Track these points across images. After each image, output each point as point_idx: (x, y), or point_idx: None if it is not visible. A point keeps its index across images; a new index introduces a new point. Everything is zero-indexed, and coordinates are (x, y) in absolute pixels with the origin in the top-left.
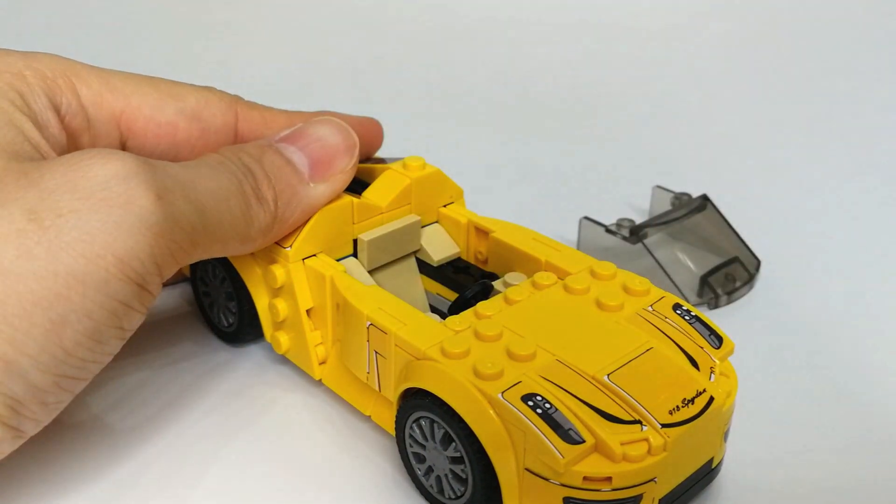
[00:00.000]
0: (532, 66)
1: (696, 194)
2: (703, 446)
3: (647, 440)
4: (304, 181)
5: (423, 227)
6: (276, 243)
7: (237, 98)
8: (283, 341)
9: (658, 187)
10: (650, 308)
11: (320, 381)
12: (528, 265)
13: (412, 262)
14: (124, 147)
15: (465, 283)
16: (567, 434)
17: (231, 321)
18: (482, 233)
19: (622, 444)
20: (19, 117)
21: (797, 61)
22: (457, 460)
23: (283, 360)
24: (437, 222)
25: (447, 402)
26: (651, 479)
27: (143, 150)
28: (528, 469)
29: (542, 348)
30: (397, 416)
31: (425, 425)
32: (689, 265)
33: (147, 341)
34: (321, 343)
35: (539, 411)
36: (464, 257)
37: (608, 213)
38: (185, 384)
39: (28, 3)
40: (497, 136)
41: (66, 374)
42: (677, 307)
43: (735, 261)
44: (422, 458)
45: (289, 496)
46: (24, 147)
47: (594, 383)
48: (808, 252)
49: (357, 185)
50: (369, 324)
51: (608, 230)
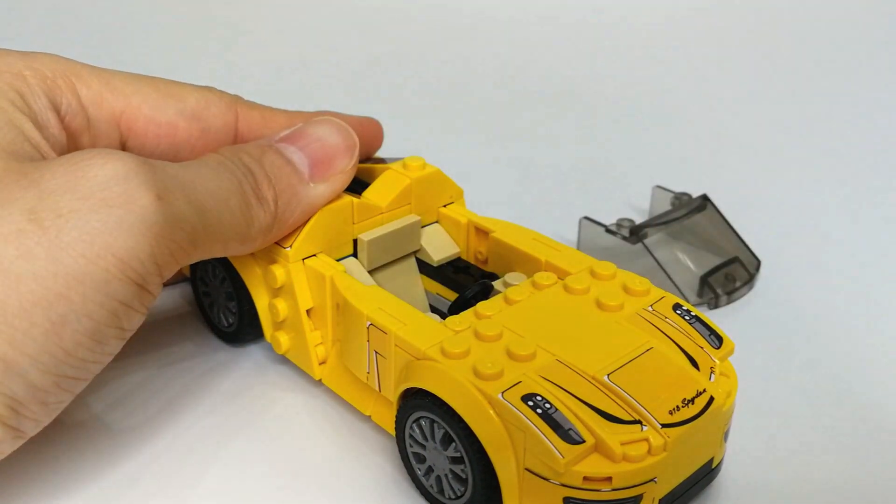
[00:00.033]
0: (532, 66)
1: (696, 194)
2: (703, 446)
3: (647, 440)
4: (305, 181)
5: (423, 227)
6: (276, 243)
7: (237, 98)
8: (283, 341)
9: (658, 187)
10: (650, 308)
11: (320, 381)
12: (528, 265)
13: (412, 262)
14: (124, 147)
15: (465, 283)
16: (567, 434)
17: (231, 321)
18: (482, 233)
19: (622, 444)
20: (19, 117)
21: (797, 61)
22: (457, 460)
23: (283, 360)
24: (437, 222)
25: (447, 402)
26: (651, 479)
27: (144, 150)
28: (528, 469)
29: (542, 348)
30: (397, 416)
31: (425, 425)
32: (689, 265)
33: (147, 341)
34: (321, 343)
35: (539, 411)
36: (464, 257)
37: (608, 213)
38: (185, 384)
39: (28, 3)
40: (497, 136)
41: (66, 374)
42: (677, 307)
43: (735, 261)
44: (422, 458)
45: (289, 496)
46: (24, 147)
47: (594, 383)
48: (808, 252)
49: (357, 185)
50: (369, 324)
51: (608, 230)
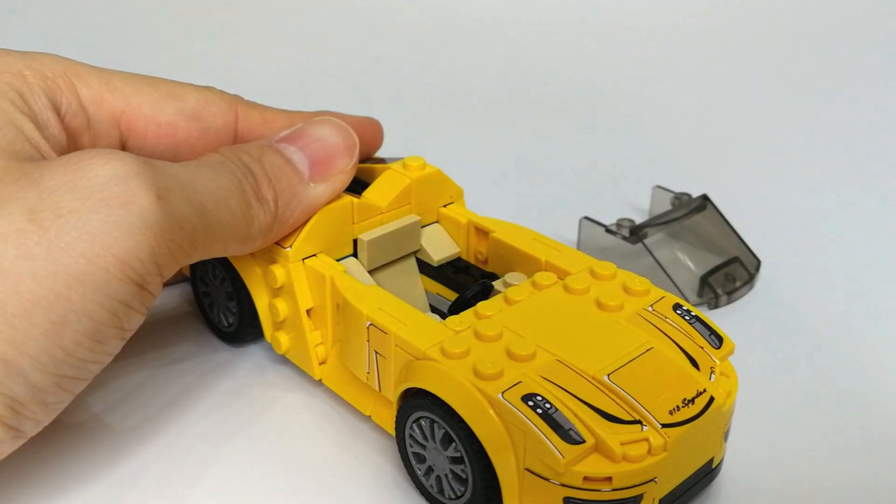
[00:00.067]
0: (532, 66)
1: (696, 194)
2: (704, 446)
3: (647, 440)
4: (305, 181)
5: (423, 227)
6: (276, 243)
7: (237, 98)
8: (283, 341)
9: (658, 187)
10: (650, 308)
11: (320, 381)
12: (528, 265)
13: (412, 262)
14: (124, 147)
15: (465, 283)
16: (567, 434)
17: (231, 321)
18: (482, 233)
19: (622, 444)
20: (19, 117)
21: (797, 61)
22: (457, 460)
23: (283, 360)
24: (437, 222)
25: (447, 402)
26: (651, 479)
27: (144, 149)
28: (528, 469)
29: (543, 348)
30: (397, 416)
31: (425, 425)
32: (689, 265)
33: (147, 341)
34: (321, 343)
35: (539, 411)
36: (464, 257)
37: (608, 213)
38: (185, 384)
39: (28, 3)
40: (497, 136)
41: (66, 374)
42: (677, 307)
43: (735, 261)
44: (422, 458)
45: (289, 496)
46: (24, 147)
47: (594, 383)
48: (808, 252)
49: (357, 185)
50: (369, 324)
51: (608, 230)
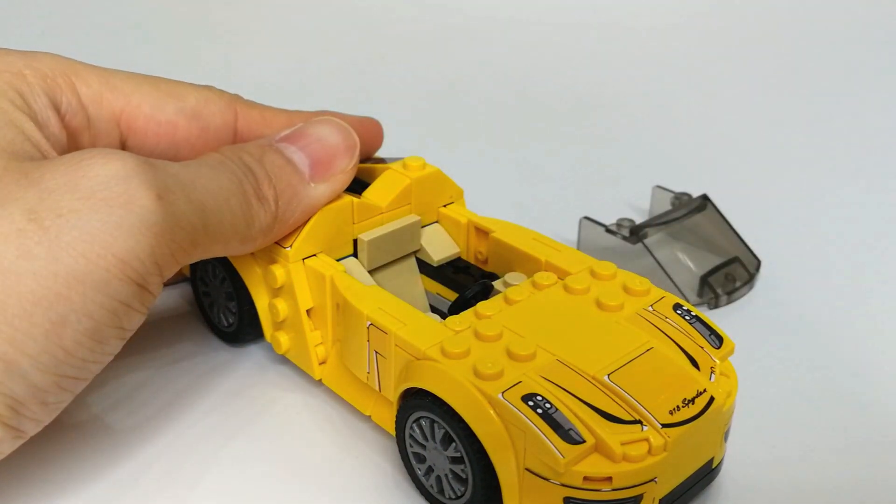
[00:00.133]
0: (532, 66)
1: (696, 194)
2: (704, 446)
3: (647, 440)
4: (305, 181)
5: (423, 227)
6: (277, 243)
7: (236, 97)
8: (283, 341)
9: (658, 187)
10: (650, 308)
11: (320, 381)
12: (528, 265)
13: (412, 262)
14: (124, 146)
15: (465, 283)
16: (567, 434)
17: (231, 321)
18: (482, 233)
19: (622, 444)
20: (19, 116)
21: (797, 61)
22: (457, 460)
23: (283, 360)
24: (437, 222)
25: (447, 402)
26: (651, 479)
27: (144, 148)
28: (528, 469)
29: (543, 348)
30: (397, 416)
31: (425, 425)
32: (689, 265)
33: (147, 341)
34: (321, 343)
35: (539, 411)
36: (464, 257)
37: (608, 213)
38: (185, 384)
39: (28, 3)
40: (497, 136)
41: (66, 374)
42: (677, 307)
43: (735, 261)
44: (422, 458)
45: (289, 496)
46: (24, 146)
47: (594, 383)
48: (808, 252)
49: (357, 185)
50: (369, 324)
51: (608, 230)
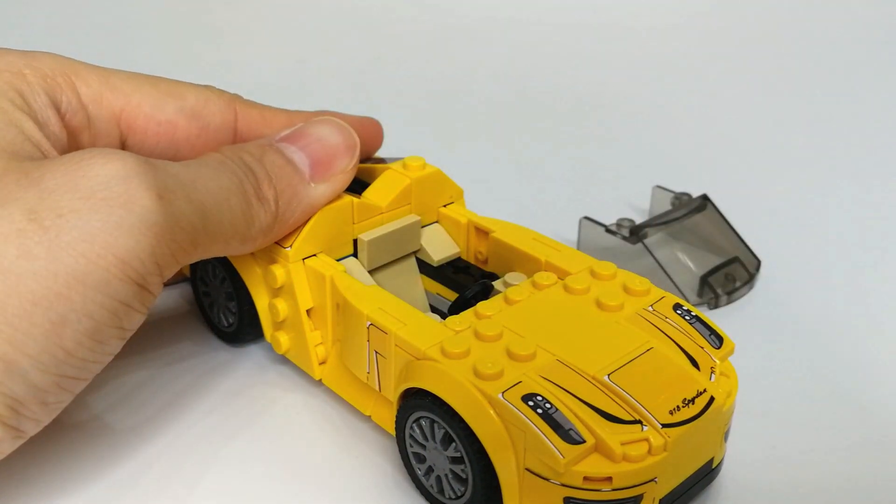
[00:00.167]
0: (532, 66)
1: (696, 194)
2: (704, 446)
3: (647, 440)
4: (305, 181)
5: (423, 227)
6: (277, 243)
7: (236, 96)
8: (283, 341)
9: (658, 187)
10: (650, 308)
11: (320, 381)
12: (528, 265)
13: (412, 262)
14: (124, 145)
15: (465, 283)
16: (567, 434)
17: (231, 321)
18: (482, 233)
19: (622, 444)
20: (19, 116)
21: (797, 61)
22: (457, 460)
23: (283, 360)
24: (437, 222)
25: (447, 402)
26: (651, 479)
27: (143, 147)
28: (528, 469)
29: (543, 348)
30: (397, 416)
31: (425, 425)
32: (689, 265)
33: (147, 341)
34: (321, 343)
35: (539, 411)
36: (464, 257)
37: (608, 213)
38: (185, 384)
39: (28, 3)
40: (497, 136)
41: (66, 374)
42: (677, 307)
43: (735, 261)
44: (422, 458)
45: (289, 496)
46: (24, 146)
47: (594, 383)
48: (808, 252)
49: (357, 185)
50: (369, 324)
51: (608, 230)
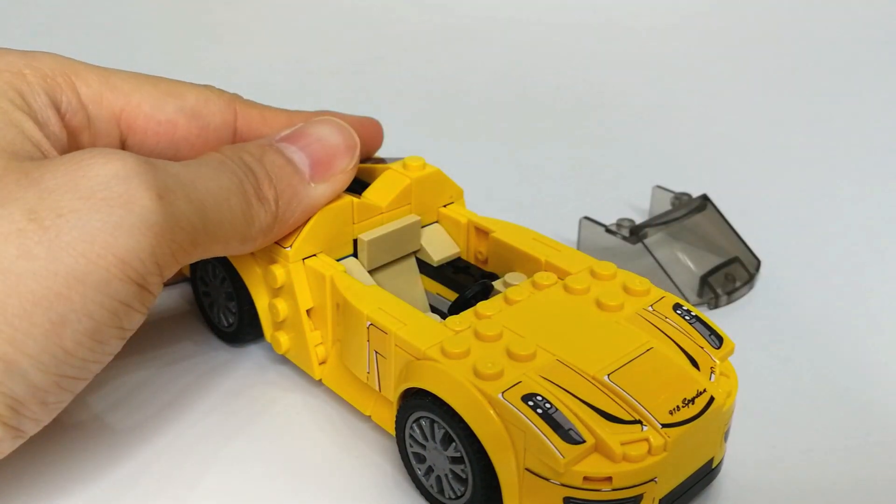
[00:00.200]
0: (532, 66)
1: (696, 194)
2: (704, 446)
3: (647, 440)
4: (305, 181)
5: (423, 227)
6: (277, 243)
7: (236, 96)
8: (283, 341)
9: (658, 187)
10: (650, 308)
11: (320, 381)
12: (528, 265)
13: (412, 262)
14: (124, 145)
15: (465, 283)
16: (567, 434)
17: (231, 321)
18: (482, 233)
19: (622, 444)
20: (19, 116)
21: (797, 61)
22: (457, 460)
23: (283, 360)
24: (437, 222)
25: (447, 402)
26: (651, 479)
27: (143, 147)
28: (528, 469)
29: (543, 348)
30: (397, 416)
31: (425, 425)
32: (689, 265)
33: (147, 341)
34: (321, 343)
35: (539, 411)
36: (464, 257)
37: (608, 213)
38: (185, 384)
39: (28, 3)
40: (497, 136)
41: (66, 373)
42: (677, 307)
43: (735, 261)
44: (422, 458)
45: (289, 496)
46: (24, 146)
47: (594, 383)
48: (808, 252)
49: (357, 185)
50: (369, 324)
51: (608, 230)
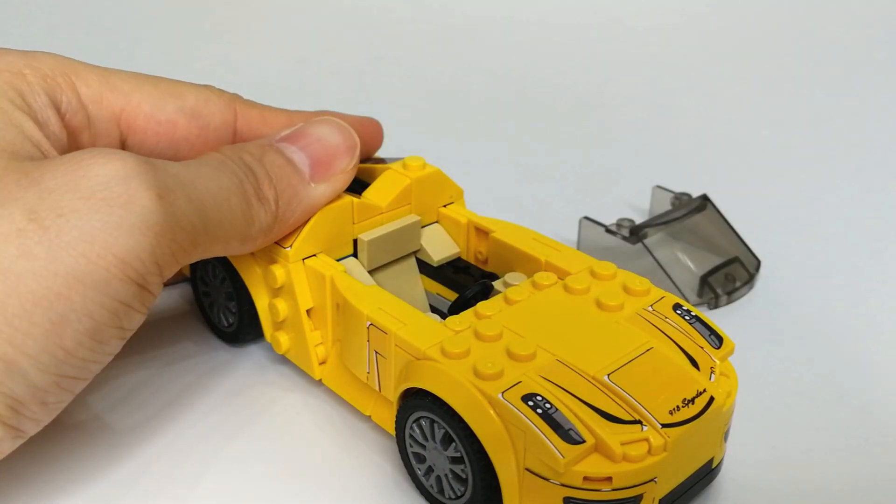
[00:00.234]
0: (532, 66)
1: (696, 194)
2: (704, 446)
3: (647, 440)
4: (305, 181)
5: (423, 227)
6: (276, 243)
7: (236, 96)
8: (283, 341)
9: (658, 187)
10: (650, 308)
11: (320, 381)
12: (528, 265)
13: (412, 262)
14: (124, 145)
15: (465, 283)
16: (567, 434)
17: (231, 321)
18: (482, 233)
19: (622, 444)
20: (20, 116)
21: (797, 61)
22: (457, 460)
23: (283, 360)
24: (437, 222)
25: (447, 402)
26: (651, 479)
27: (143, 147)
28: (528, 469)
29: (543, 348)
30: (397, 416)
31: (425, 425)
32: (689, 265)
33: (147, 341)
34: (321, 343)
35: (539, 411)
36: (464, 257)
37: (608, 213)
38: (185, 384)
39: (28, 3)
40: (497, 136)
41: (66, 373)
42: (677, 307)
43: (735, 261)
44: (422, 458)
45: (289, 496)
46: (24, 146)
47: (594, 383)
48: (808, 252)
49: (357, 185)
50: (369, 324)
51: (608, 230)
